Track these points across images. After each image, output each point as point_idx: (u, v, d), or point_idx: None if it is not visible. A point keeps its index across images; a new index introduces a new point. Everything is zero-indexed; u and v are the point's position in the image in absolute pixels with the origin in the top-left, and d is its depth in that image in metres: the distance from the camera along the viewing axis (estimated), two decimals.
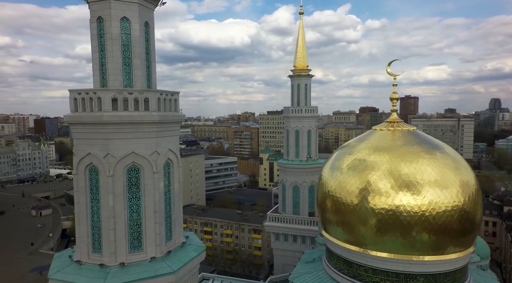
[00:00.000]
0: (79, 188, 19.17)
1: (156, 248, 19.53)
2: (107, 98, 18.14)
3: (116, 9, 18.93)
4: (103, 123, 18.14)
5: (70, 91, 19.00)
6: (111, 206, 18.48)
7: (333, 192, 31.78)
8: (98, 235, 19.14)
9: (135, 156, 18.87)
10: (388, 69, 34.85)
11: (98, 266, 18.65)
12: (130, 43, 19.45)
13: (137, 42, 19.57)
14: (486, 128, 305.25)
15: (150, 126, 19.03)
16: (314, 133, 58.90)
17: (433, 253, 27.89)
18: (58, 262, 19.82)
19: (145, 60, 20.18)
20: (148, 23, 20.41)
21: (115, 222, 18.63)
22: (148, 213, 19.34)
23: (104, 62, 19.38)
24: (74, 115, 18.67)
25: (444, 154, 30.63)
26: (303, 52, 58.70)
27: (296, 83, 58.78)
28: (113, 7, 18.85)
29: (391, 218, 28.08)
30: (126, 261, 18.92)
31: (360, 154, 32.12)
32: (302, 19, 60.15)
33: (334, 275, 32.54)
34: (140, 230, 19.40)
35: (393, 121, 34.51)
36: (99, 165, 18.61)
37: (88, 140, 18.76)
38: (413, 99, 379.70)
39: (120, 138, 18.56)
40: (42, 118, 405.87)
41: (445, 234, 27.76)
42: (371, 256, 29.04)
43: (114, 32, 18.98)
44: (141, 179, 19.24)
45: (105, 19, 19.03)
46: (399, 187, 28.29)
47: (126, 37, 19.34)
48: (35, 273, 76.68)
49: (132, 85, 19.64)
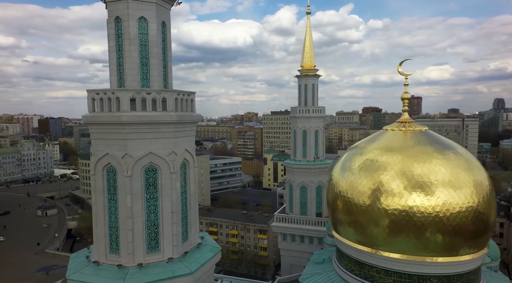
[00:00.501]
0: (96, 188, 19.15)
1: (173, 249, 19.47)
2: (126, 98, 18.11)
3: (134, 9, 18.90)
4: (121, 123, 18.10)
5: (88, 92, 18.99)
6: (129, 206, 18.44)
7: (344, 193, 31.65)
8: (116, 236, 19.11)
9: (153, 156, 18.83)
10: (399, 69, 34.71)
11: (116, 266, 18.61)
12: (148, 43, 19.41)
13: (154, 42, 19.53)
14: (490, 128, 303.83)
15: (168, 127, 18.98)
16: (321, 133, 58.78)
17: (446, 254, 27.71)
18: (75, 262, 19.78)
19: (161, 60, 20.14)
20: (165, 23, 20.38)
21: (133, 222, 18.59)
22: (166, 213, 19.29)
23: (121, 62, 19.35)
24: (92, 116, 18.65)
25: (457, 154, 30.45)
26: (310, 52, 58.58)
27: (303, 83, 58.69)
28: (131, 7, 18.82)
29: (404, 219, 27.91)
30: (144, 261, 18.88)
31: (372, 154, 31.96)
32: (309, 19, 60.01)
33: (345, 276, 32.37)
34: (158, 230, 19.35)
35: (404, 122, 34.34)
36: (117, 165, 18.58)
37: (106, 141, 18.73)
38: (416, 100, 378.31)
39: (138, 139, 18.52)
40: (46, 119, 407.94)
41: (459, 235, 27.57)
42: (384, 257, 28.86)
43: (132, 32, 18.94)
44: (158, 180, 19.19)
45: (123, 19, 18.99)
46: (412, 187, 28.12)
47: (144, 37, 19.30)
48: (41, 273, 77.04)
49: (149, 85, 19.61)
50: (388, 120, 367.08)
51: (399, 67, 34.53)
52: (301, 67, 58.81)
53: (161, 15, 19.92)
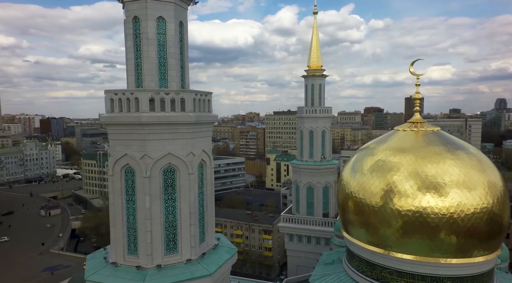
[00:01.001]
0: (114, 189, 19.02)
1: (191, 250, 19.35)
2: (145, 99, 17.98)
3: (153, 8, 18.77)
4: (140, 124, 17.97)
5: (106, 92, 18.86)
6: (147, 207, 18.32)
7: (356, 194, 31.44)
8: (134, 237, 18.99)
9: (171, 157, 18.70)
10: (411, 69, 34.49)
11: (134, 268, 18.49)
12: (166, 43, 19.29)
13: (172, 42, 19.40)
14: (493, 128, 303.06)
15: (186, 127, 18.85)
16: (328, 133, 58.65)
17: (460, 255, 27.50)
18: (92, 263, 19.67)
19: (179, 61, 20.02)
20: (182, 23, 20.24)
21: (151, 223, 18.46)
22: (184, 214, 19.16)
23: (139, 63, 19.22)
24: (111, 116, 18.52)
25: (470, 154, 30.25)
26: (317, 52, 58.41)
27: (310, 84, 58.51)
28: (150, 6, 18.69)
29: (417, 220, 27.69)
30: (162, 263, 18.76)
31: (384, 155, 31.75)
32: (316, 19, 59.82)
33: (356, 277, 32.17)
34: (176, 231, 19.22)
35: (416, 122, 34.14)
36: (136, 166, 18.46)
37: (124, 141, 18.61)
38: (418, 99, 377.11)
39: (157, 139, 18.40)
40: (47, 119, 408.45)
41: (473, 237, 27.36)
42: (397, 258, 28.65)
43: (150, 32, 18.82)
44: (176, 180, 19.06)
45: (141, 19, 18.87)
46: (426, 188, 27.91)
47: (162, 37, 19.18)
48: (46, 272, 76.94)
49: (167, 86, 19.49)
50: (390, 120, 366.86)
51: (410, 67, 34.30)
52: (307, 67, 58.61)
53: (178, 15, 19.79)
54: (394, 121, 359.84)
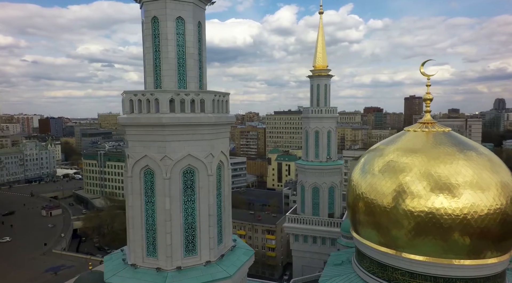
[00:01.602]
0: (133, 190, 18.88)
1: (210, 252, 19.24)
2: (165, 100, 17.85)
3: (172, 9, 18.63)
4: (161, 125, 17.84)
5: (126, 93, 18.71)
6: (167, 209, 18.19)
7: (367, 194, 31.35)
8: (153, 239, 18.86)
9: (191, 158, 18.57)
10: (421, 70, 34.38)
11: (154, 270, 18.36)
12: (185, 44, 19.16)
13: (191, 42, 19.27)
14: (492, 128, 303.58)
15: (206, 128, 18.74)
16: (333, 133, 58.65)
17: (473, 256, 27.46)
18: (111, 265, 19.54)
19: (198, 61, 19.90)
20: (200, 23, 20.12)
21: (171, 225, 18.34)
22: (203, 216, 19.05)
23: (158, 63, 19.09)
24: (131, 117, 18.36)
25: (482, 155, 30.24)
26: (322, 52, 58.38)
27: (315, 84, 58.50)
28: (169, 7, 18.56)
29: (431, 221, 27.64)
30: (182, 265, 18.63)
31: (395, 156, 31.67)
32: (322, 19, 59.73)
33: (366, 278, 32.10)
34: (195, 233, 19.11)
35: (427, 122, 34.08)
36: (156, 168, 18.33)
37: (144, 143, 18.46)
38: (417, 100, 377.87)
39: (177, 141, 18.27)
40: (46, 119, 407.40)
41: (486, 238, 27.32)
42: (409, 259, 28.60)
43: (169, 33, 18.68)
44: (196, 182, 18.95)
45: (160, 19, 18.73)
46: (439, 189, 27.86)
47: (181, 37, 19.05)
48: (50, 273, 76.77)
49: (185, 87, 19.36)
50: (389, 120, 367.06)
51: (421, 68, 34.21)
52: (313, 67, 58.62)
53: (197, 15, 19.67)
54: (394, 121, 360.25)
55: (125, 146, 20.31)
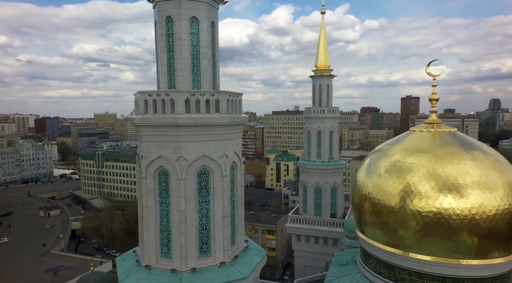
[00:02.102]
0: (147, 191, 18.74)
1: (224, 253, 19.14)
2: (180, 100, 17.72)
3: (186, 8, 18.50)
4: (176, 125, 17.71)
5: (140, 93, 18.54)
6: (182, 210, 18.07)
7: (373, 195, 31.34)
8: (167, 240, 18.73)
9: (206, 159, 18.47)
10: (427, 70, 34.41)
11: (169, 271, 18.23)
12: (199, 44, 19.04)
13: (205, 42, 19.16)
14: (488, 128, 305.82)
15: (221, 129, 18.64)
16: (335, 134, 58.68)
17: (481, 256, 27.55)
18: (124, 266, 19.37)
19: (211, 61, 19.78)
20: (214, 23, 20.01)
21: (186, 226, 18.22)
22: (217, 217, 18.95)
23: (172, 63, 18.95)
24: (146, 118, 18.19)
25: (489, 155, 30.36)
26: (324, 52, 58.42)
27: (317, 84, 58.53)
28: (183, 6, 18.43)
29: (439, 221, 27.70)
30: (196, 266, 18.51)
31: (401, 156, 31.68)
32: (324, 19, 59.84)
33: (373, 278, 32.10)
34: (209, 234, 19.00)
35: (432, 123, 34.15)
36: (170, 168, 18.19)
37: (159, 143, 18.32)
38: (414, 100, 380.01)
39: (192, 141, 18.15)
40: (42, 118, 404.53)
41: (494, 238, 27.42)
42: (416, 260, 28.63)
43: (183, 32, 18.55)
44: (210, 183, 18.84)
45: (174, 18, 18.59)
46: (448, 189, 27.91)
47: (195, 37, 18.93)
48: (49, 274, 76.12)
49: (199, 87, 19.24)
50: (386, 120, 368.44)
51: (427, 68, 34.24)
52: (315, 67, 58.63)
53: (211, 14, 19.56)
54: (390, 121, 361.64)
55: (138, 146, 20.17)
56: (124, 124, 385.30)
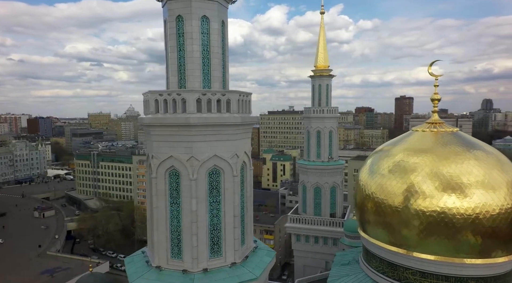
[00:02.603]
0: (158, 192, 18.58)
1: (235, 253, 19.06)
2: (192, 100, 17.60)
3: (197, 7, 18.39)
4: (188, 125, 17.58)
5: (151, 93, 18.38)
6: (194, 210, 17.95)
7: (376, 195, 31.38)
8: (178, 240, 18.59)
9: (217, 159, 18.37)
10: (429, 70, 34.64)
11: (180, 272, 18.10)
12: (209, 43, 18.93)
13: (216, 41, 19.06)
14: (481, 128, 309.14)
15: (232, 129, 18.56)
16: (335, 133, 58.83)
17: (484, 256, 27.72)
18: (133, 267, 19.19)
19: (221, 61, 19.70)
20: (224, 22, 19.92)
21: (197, 227, 18.11)
22: (228, 217, 18.86)
23: (182, 63, 18.82)
24: (157, 117, 18.04)
25: (491, 154, 30.59)
26: (324, 52, 58.61)
27: (317, 84, 58.66)
28: (194, 5, 18.31)
29: (443, 221, 27.83)
30: (208, 266, 18.41)
31: (405, 156, 31.74)
32: (323, 19, 60.03)
33: (376, 277, 32.16)
34: (220, 235, 18.90)
35: (435, 123, 34.38)
36: (182, 168, 18.06)
37: (170, 143, 18.17)
38: (408, 100, 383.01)
39: (204, 141, 18.04)
40: (35, 118, 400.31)
41: (497, 237, 27.62)
42: (420, 259, 28.73)
43: (194, 32, 18.44)
44: (221, 183, 18.75)
45: (185, 17, 18.46)
46: (452, 189, 28.04)
47: (205, 36, 18.82)
48: (46, 275, 75.34)
49: (210, 86, 19.15)
50: (380, 120, 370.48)
51: (429, 68, 34.47)
52: (314, 67, 58.76)
53: (221, 14, 19.48)
54: (385, 121, 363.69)
55: (147, 146, 20.01)
56: (119, 124, 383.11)
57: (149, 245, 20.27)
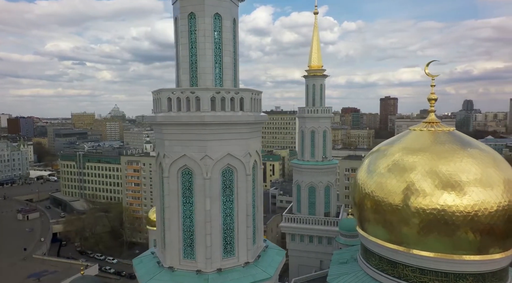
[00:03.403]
0: (170, 191, 18.28)
1: (247, 253, 18.92)
2: (207, 98, 17.38)
3: (210, 5, 18.19)
4: (202, 124, 17.36)
5: (163, 90, 18.07)
6: (208, 209, 17.74)
7: (375, 193, 31.62)
8: (191, 240, 18.33)
9: (230, 157, 18.21)
10: (426, 70, 35.18)
11: (193, 272, 17.85)
12: (221, 41, 18.76)
13: (228, 39, 18.90)
14: (462, 128, 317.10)
15: (245, 127, 18.43)
16: (329, 133, 59.30)
17: (481, 252, 28.30)
18: (144, 268, 18.83)
19: (233, 59, 19.55)
20: (235, 20, 19.78)
21: (211, 226, 17.91)
22: (241, 216, 18.71)
23: (194, 60, 18.57)
24: (170, 116, 17.72)
25: (487, 153, 31.32)
26: (317, 52, 58.94)
27: (311, 84, 58.96)
28: (207, 3, 18.10)
29: (442, 218, 28.31)
30: (221, 266, 18.23)
31: (402, 155, 32.12)
32: (317, 20, 60.31)
33: (376, 275, 32.44)
34: (233, 234, 18.74)
35: (431, 122, 34.94)
36: (195, 167, 17.82)
37: (183, 142, 17.90)
38: (392, 100, 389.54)
39: (217, 140, 17.85)
40: (16, 118, 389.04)
41: (494, 234, 28.25)
42: (420, 256, 29.16)
43: (207, 29, 18.23)
44: (234, 182, 18.59)
45: (197, 15, 18.23)
46: (450, 187, 28.49)
47: (218, 34, 18.64)
48: (32, 279, 73.32)
49: (222, 84, 18.97)
50: (366, 120, 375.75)
51: (426, 68, 35.02)
52: (308, 67, 59.04)
53: (232, 11, 19.33)
54: (370, 122, 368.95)
55: (157, 145, 19.67)
56: (103, 124, 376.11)
57: (159, 245, 19.93)
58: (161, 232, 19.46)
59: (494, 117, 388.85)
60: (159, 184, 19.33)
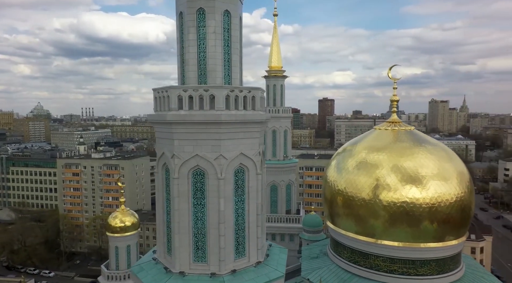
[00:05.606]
0: (180, 193, 17.40)
1: (258, 252, 18.81)
2: (222, 96, 16.90)
3: (220, 1, 17.74)
4: (217, 123, 16.84)
5: (173, 88, 17.12)
6: (222, 210, 17.27)
7: (345, 190, 33.25)
8: (202, 243, 17.66)
9: (243, 157, 17.94)
10: (389, 74, 38.01)
11: (207, 276, 17.22)
12: (230, 39, 18.39)
13: (236, 37, 18.63)
14: None
15: (257, 126, 18.30)
16: (289, 133, 60.83)
17: (441, 239, 31.28)
18: (149, 276, 17.64)
19: (240, 57, 19.27)
20: (241, 18, 19.52)
21: (225, 227, 17.46)
22: (252, 216, 18.54)
23: (202, 58, 17.93)
24: (182, 114, 16.86)
25: (444, 149, 34.69)
26: (277, 53, 60.17)
27: (272, 84, 59.91)
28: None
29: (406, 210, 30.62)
30: (234, 268, 17.87)
31: (368, 152, 34.09)
32: (276, 21, 61.52)
33: (348, 267, 34.01)
34: (244, 234, 18.47)
35: (394, 122, 37.76)
36: (208, 167, 17.21)
37: (195, 141, 17.17)
38: (330, 102, 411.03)
39: (231, 139, 17.47)
40: None
41: (450, 223, 31.44)
42: (388, 246, 31.28)
43: (217, 26, 17.74)
44: (246, 181, 18.35)
45: (207, 11, 17.65)
46: (412, 181, 30.87)
47: (227, 32, 18.23)
48: None
49: (230, 82, 18.61)
50: (305, 120, 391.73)
51: (389, 72, 37.74)
52: (268, 68, 59.96)
53: (239, 9, 19.10)
54: (309, 122, 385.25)
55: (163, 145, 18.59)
56: (26, 124, 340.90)
57: (161, 250, 18.87)
58: (164, 236, 18.46)
59: (415, 118, 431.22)
60: (162, 186, 18.34)
